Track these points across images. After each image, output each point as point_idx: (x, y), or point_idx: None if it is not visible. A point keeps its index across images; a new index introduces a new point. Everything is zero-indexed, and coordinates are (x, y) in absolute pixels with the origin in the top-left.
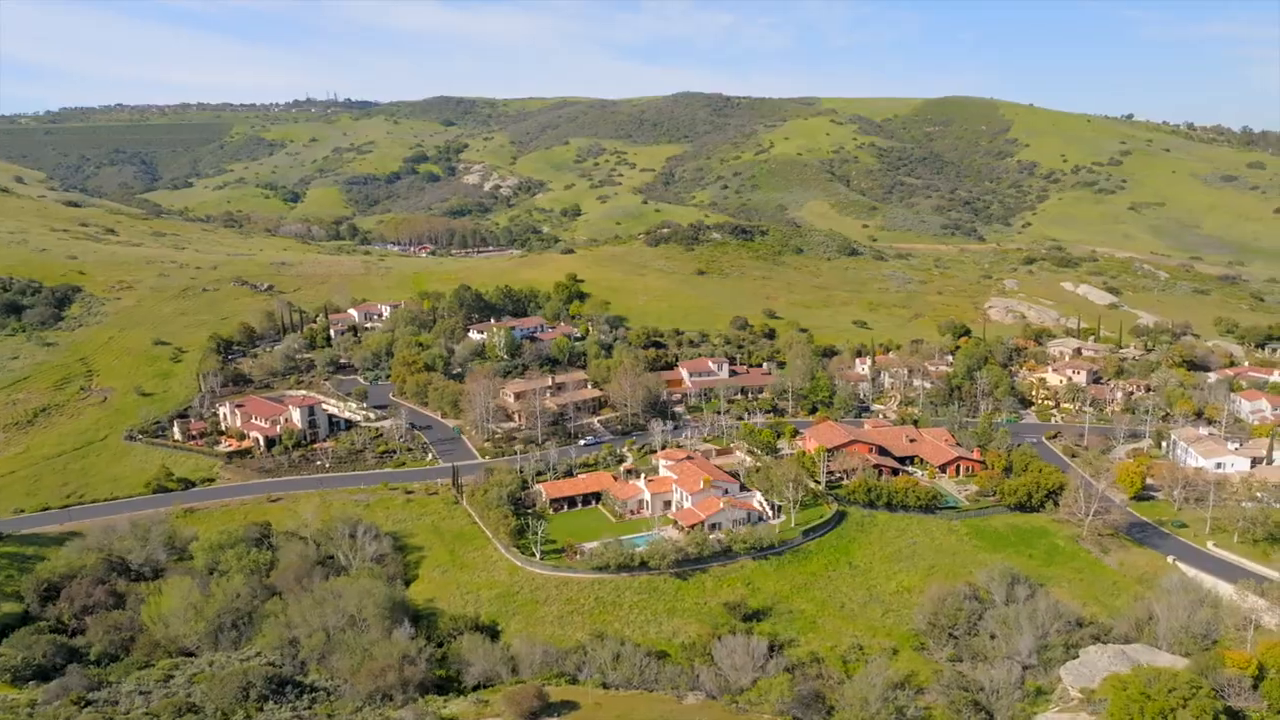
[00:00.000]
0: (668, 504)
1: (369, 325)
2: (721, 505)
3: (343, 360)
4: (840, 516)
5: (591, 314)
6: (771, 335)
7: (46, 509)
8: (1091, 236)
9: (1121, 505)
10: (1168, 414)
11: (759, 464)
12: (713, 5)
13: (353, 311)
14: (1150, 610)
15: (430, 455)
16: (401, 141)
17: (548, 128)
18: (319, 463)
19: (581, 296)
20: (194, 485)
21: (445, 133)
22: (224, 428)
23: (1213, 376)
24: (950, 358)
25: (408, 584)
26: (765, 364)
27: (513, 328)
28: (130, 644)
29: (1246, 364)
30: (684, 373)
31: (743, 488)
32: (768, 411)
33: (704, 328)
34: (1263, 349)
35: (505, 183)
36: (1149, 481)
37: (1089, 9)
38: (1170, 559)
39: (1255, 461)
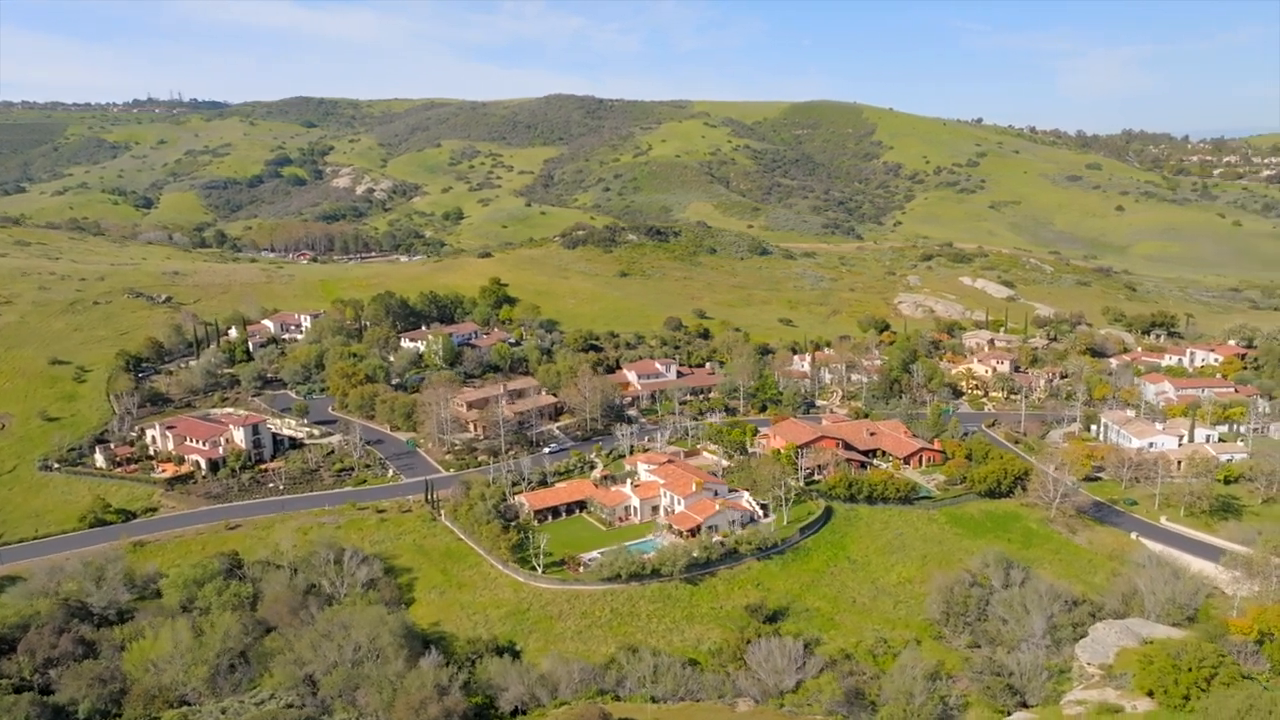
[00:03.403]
0: (655, 509)
1: (286, 336)
2: (717, 507)
3: (269, 375)
4: (829, 513)
5: (523, 319)
6: (706, 335)
7: None
8: (958, 234)
9: (1075, 487)
10: (1088, 399)
11: (732, 464)
12: (563, 7)
13: (267, 322)
14: (1134, 585)
15: (391, 471)
16: (261, 143)
17: (417, 129)
18: (271, 485)
19: (510, 301)
20: (134, 516)
21: (307, 134)
22: (153, 452)
23: (1114, 362)
24: (876, 351)
25: (404, 608)
26: (708, 364)
27: (449, 335)
28: (120, 697)
29: (1139, 350)
30: (632, 375)
31: (730, 489)
32: (719, 411)
33: (636, 329)
34: (1148, 335)
35: (379, 186)
36: (1093, 463)
37: (917, 17)
38: (1133, 535)
39: (1179, 440)
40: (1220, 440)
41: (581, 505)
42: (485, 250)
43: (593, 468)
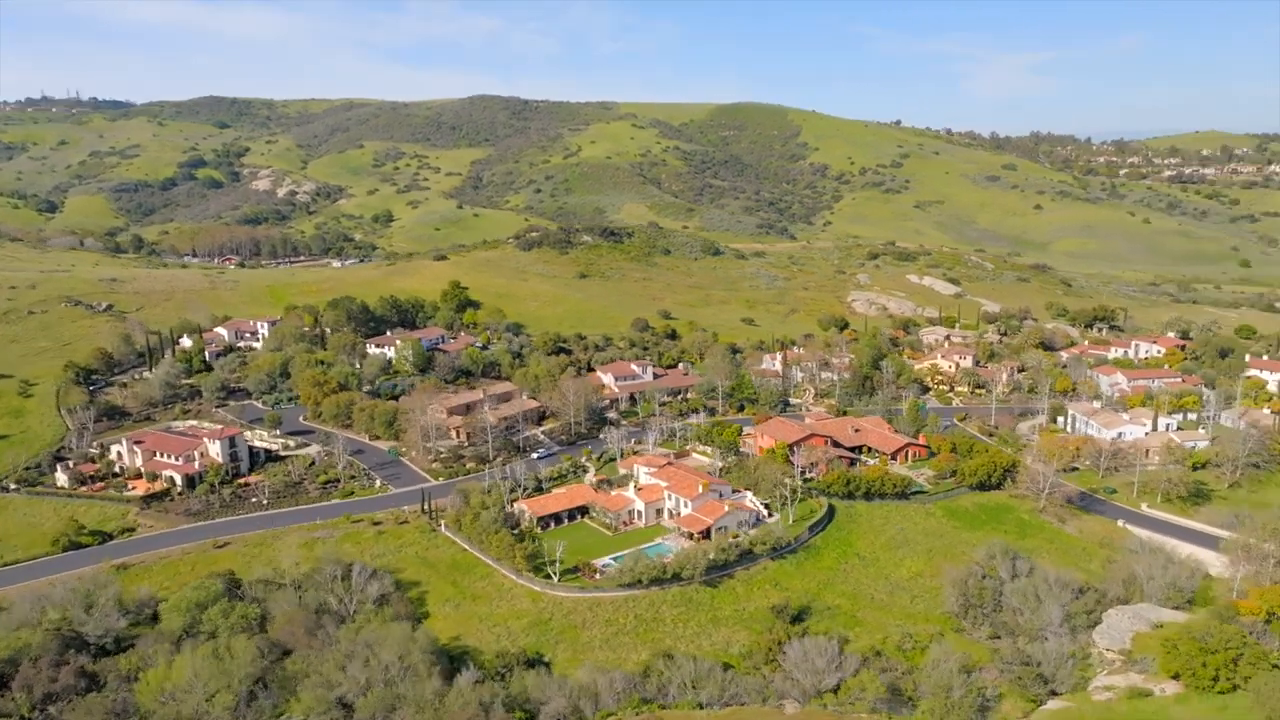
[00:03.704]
0: (659, 512)
1: (243, 344)
2: (726, 508)
3: (232, 384)
4: (832, 510)
5: (488, 322)
6: (674, 335)
7: None
8: (887, 233)
9: (1057, 478)
10: (1051, 392)
11: (727, 464)
12: (474, 8)
13: (221, 330)
14: (1132, 571)
15: (378, 482)
16: (172, 144)
17: (337, 130)
18: (255, 499)
19: (472, 304)
20: (111, 537)
21: (221, 135)
22: (120, 468)
23: (1064, 355)
24: (845, 349)
25: (420, 624)
26: (680, 364)
27: (418, 340)
28: None
29: (1085, 343)
30: (608, 378)
31: (733, 490)
32: (700, 412)
33: (602, 330)
34: (1091, 328)
35: (301, 188)
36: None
37: (824, 24)
38: (1120, 523)
39: (1146, 430)
40: (1179, 429)
41: (583, 511)
42: (440, 253)
43: (585, 472)
